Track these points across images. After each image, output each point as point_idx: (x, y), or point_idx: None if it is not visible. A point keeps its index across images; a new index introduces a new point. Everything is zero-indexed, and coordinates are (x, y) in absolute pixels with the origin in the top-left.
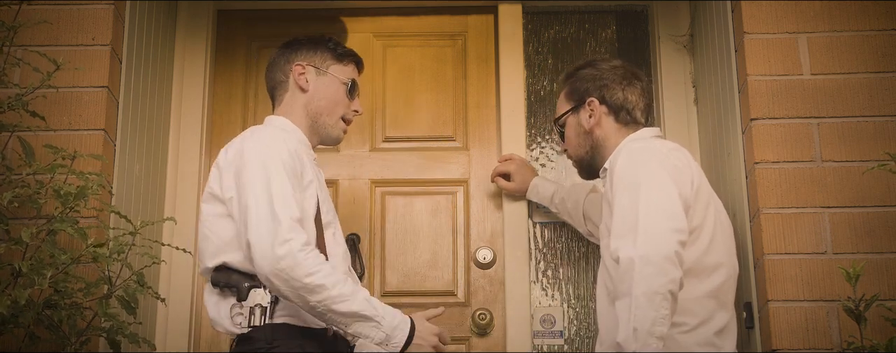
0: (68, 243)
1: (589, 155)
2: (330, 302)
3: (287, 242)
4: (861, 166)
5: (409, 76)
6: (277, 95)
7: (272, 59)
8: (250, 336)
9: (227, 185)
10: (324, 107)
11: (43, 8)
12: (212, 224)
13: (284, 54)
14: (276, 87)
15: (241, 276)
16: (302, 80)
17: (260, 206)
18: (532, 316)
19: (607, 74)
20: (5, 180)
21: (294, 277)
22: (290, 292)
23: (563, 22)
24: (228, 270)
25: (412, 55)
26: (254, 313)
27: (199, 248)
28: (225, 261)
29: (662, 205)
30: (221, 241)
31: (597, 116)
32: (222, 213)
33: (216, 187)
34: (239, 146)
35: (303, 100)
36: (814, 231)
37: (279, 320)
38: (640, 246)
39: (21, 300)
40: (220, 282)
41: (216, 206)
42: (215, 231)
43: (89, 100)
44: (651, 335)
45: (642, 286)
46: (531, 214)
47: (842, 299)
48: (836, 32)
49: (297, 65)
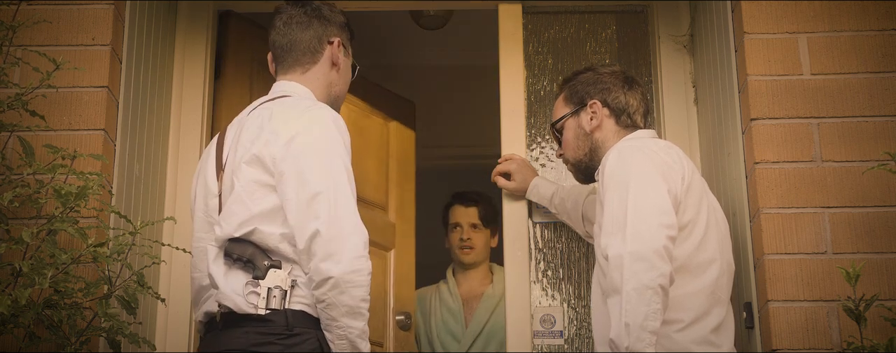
0: (68, 243)
1: (588, 157)
2: (356, 333)
3: (363, 258)
4: (861, 166)
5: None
6: (302, 60)
7: (300, 17)
8: (266, 319)
9: (283, 156)
10: (342, 90)
11: (43, 8)
12: (252, 191)
13: (320, 20)
14: (306, 51)
15: (260, 252)
16: (338, 56)
17: (339, 201)
18: (532, 316)
19: (608, 77)
20: (5, 179)
21: (353, 295)
22: (335, 301)
23: (562, 22)
24: (247, 243)
25: None
26: (274, 295)
27: (226, 210)
28: (254, 230)
29: (651, 201)
30: (258, 210)
31: (599, 117)
32: (266, 182)
33: (266, 153)
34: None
35: (332, 77)
36: (814, 231)
37: (296, 306)
38: (630, 242)
39: (21, 299)
40: (235, 254)
41: (260, 172)
42: (253, 199)
43: (89, 100)
44: (643, 330)
45: (632, 282)
46: (531, 214)
47: (842, 299)
48: (836, 32)
49: (337, 37)
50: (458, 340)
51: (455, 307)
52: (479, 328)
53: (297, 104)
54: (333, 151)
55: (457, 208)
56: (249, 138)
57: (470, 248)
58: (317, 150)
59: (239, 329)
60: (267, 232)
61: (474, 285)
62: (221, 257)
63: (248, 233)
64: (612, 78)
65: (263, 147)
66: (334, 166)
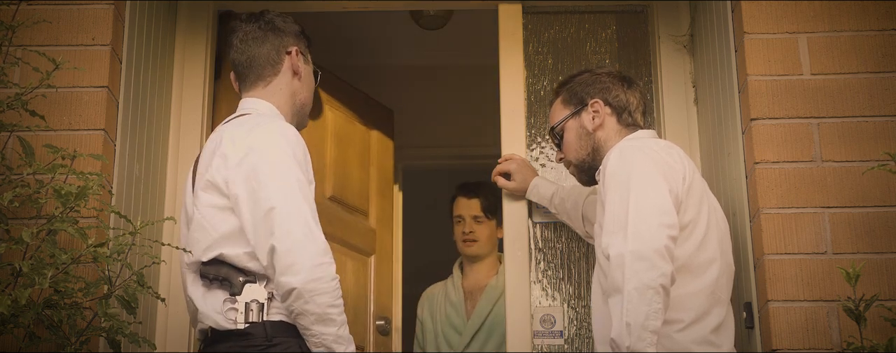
0: (68, 242)
1: (590, 157)
2: (331, 339)
3: (323, 265)
4: (861, 166)
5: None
6: (263, 74)
7: (255, 32)
8: (246, 333)
9: (234, 179)
10: (307, 97)
11: (42, 7)
12: (210, 216)
13: (275, 32)
14: (266, 65)
15: (233, 270)
16: (298, 64)
17: (291, 213)
18: (532, 316)
19: (606, 77)
20: (5, 179)
21: (319, 302)
22: (302, 310)
23: (562, 22)
24: (220, 263)
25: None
26: (251, 309)
27: (191, 237)
28: (220, 254)
29: (652, 201)
30: (219, 234)
31: (601, 116)
32: (223, 206)
33: (218, 177)
34: (249, 140)
35: (295, 86)
36: (814, 231)
37: (275, 317)
38: (631, 242)
39: (21, 299)
40: (210, 274)
41: (216, 197)
42: (213, 224)
43: (89, 100)
44: (645, 330)
45: (634, 281)
46: (531, 214)
47: (842, 299)
48: (836, 32)
49: (294, 47)
50: (460, 332)
51: (457, 300)
52: (481, 321)
53: (246, 123)
54: (282, 165)
55: (460, 200)
56: (204, 164)
57: (473, 240)
58: (265, 166)
59: (223, 345)
60: (233, 254)
61: (480, 278)
62: (198, 280)
63: (215, 257)
64: (610, 78)
65: (215, 172)
66: (285, 180)
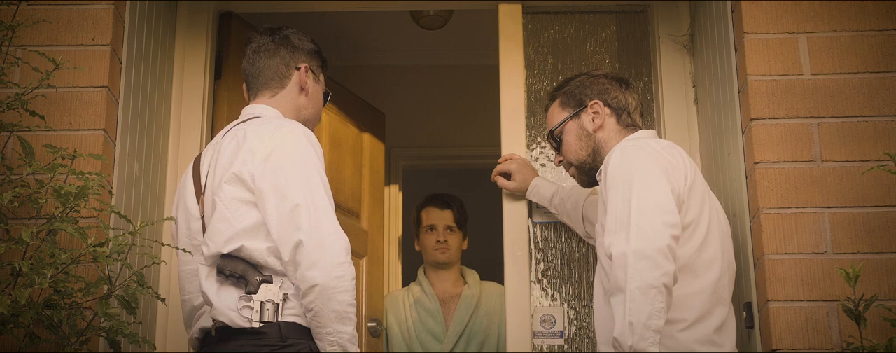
0: (68, 242)
1: (591, 158)
2: (346, 338)
3: (345, 264)
4: (861, 166)
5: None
6: (271, 85)
7: (268, 45)
8: (260, 332)
9: (261, 174)
10: (312, 114)
11: (42, 7)
12: (234, 208)
13: (288, 47)
14: (273, 77)
15: (250, 268)
16: (306, 81)
17: (318, 210)
18: (532, 316)
19: (603, 79)
20: (5, 179)
21: (340, 300)
22: (323, 307)
23: (562, 22)
24: (236, 258)
25: None
26: (266, 308)
27: (212, 228)
28: (241, 247)
29: (655, 200)
30: (242, 227)
31: (601, 117)
32: (247, 199)
33: (245, 171)
34: (277, 137)
35: (300, 101)
36: (814, 231)
37: (289, 318)
38: (634, 241)
39: (21, 299)
40: (227, 270)
41: (241, 190)
42: (237, 216)
43: (89, 100)
44: (647, 329)
45: (636, 281)
46: (531, 214)
47: (841, 299)
48: (836, 32)
49: (304, 64)
50: (440, 340)
51: (433, 308)
52: (461, 329)
53: (268, 123)
54: (308, 164)
55: (432, 210)
56: (227, 159)
57: (446, 248)
58: (292, 164)
59: (234, 342)
60: (253, 248)
61: (448, 287)
62: (213, 275)
63: (235, 250)
64: (607, 79)
65: (242, 166)
66: (310, 178)
